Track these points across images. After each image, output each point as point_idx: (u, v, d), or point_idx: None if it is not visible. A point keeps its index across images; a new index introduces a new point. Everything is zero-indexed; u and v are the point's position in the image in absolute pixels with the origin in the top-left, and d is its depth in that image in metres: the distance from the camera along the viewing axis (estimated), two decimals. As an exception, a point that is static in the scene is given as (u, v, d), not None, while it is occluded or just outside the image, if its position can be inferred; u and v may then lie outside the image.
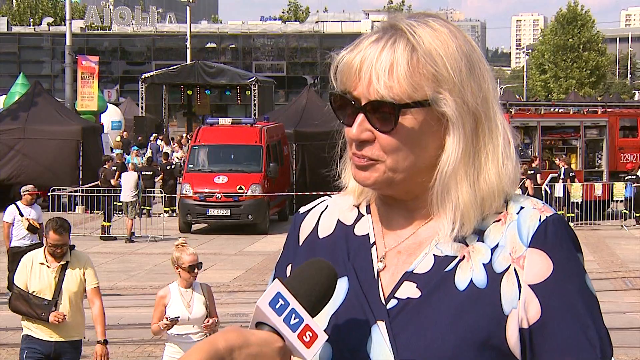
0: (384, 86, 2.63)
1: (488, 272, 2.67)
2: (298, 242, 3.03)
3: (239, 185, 37.19)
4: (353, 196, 2.97)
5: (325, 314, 2.77)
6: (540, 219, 2.69)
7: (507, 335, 2.63)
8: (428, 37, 2.67)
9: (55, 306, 12.13)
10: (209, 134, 40.37)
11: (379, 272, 2.80)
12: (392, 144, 2.69)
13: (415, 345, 2.65)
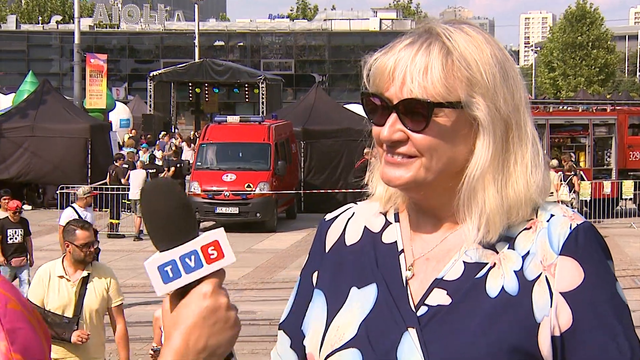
0: (418, 86, 2.64)
1: (519, 279, 2.67)
2: (324, 249, 3.02)
3: (247, 183, 37.20)
4: (380, 203, 2.96)
5: (356, 320, 2.78)
6: (571, 226, 2.69)
7: (540, 343, 2.62)
8: (463, 41, 2.68)
9: (77, 324, 11.14)
10: (217, 132, 40.37)
11: (407, 280, 2.79)
12: (426, 143, 2.68)
13: (447, 351, 2.64)
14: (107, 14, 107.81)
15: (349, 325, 2.79)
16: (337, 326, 2.82)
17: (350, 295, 2.85)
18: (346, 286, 2.88)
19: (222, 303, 2.34)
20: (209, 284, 2.34)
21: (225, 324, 2.36)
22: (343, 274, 2.92)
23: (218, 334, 2.33)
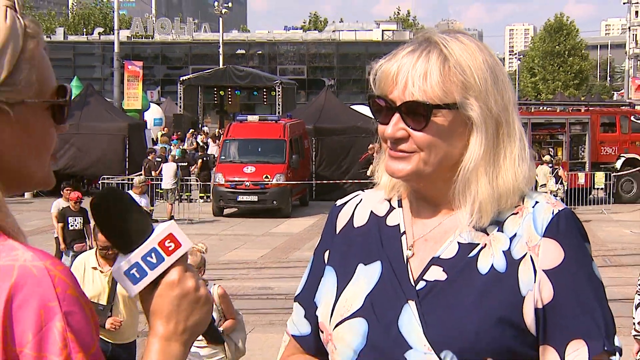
0: (419, 90, 2.68)
1: (507, 258, 2.71)
2: (335, 231, 3.06)
3: (265, 175, 37.30)
4: (385, 191, 3.01)
5: (362, 293, 2.82)
6: (553, 212, 2.74)
7: (524, 314, 2.67)
8: (458, 49, 2.73)
9: (110, 311, 11.15)
10: (238, 130, 40.47)
11: (408, 258, 2.83)
12: (425, 140, 2.73)
13: (442, 322, 2.68)
14: (143, 26, 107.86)
15: (356, 298, 2.83)
16: (345, 298, 2.86)
17: (358, 271, 2.89)
18: (354, 263, 2.91)
19: (189, 287, 2.33)
20: (175, 272, 2.32)
21: (197, 304, 2.35)
22: (351, 253, 2.95)
23: (193, 314, 2.33)
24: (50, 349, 1.90)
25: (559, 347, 2.67)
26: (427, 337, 2.68)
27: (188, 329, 2.33)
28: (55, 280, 1.94)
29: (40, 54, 2.16)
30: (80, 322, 1.96)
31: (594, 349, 2.65)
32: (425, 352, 2.68)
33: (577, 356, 2.65)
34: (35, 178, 2.23)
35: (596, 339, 2.65)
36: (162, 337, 2.31)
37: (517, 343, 2.68)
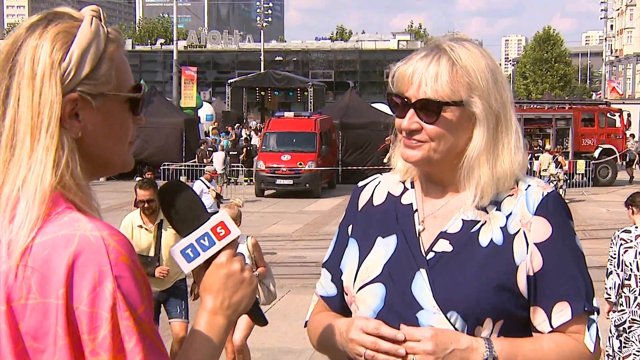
0: (431, 89, 2.73)
1: (504, 233, 2.77)
2: (357, 208, 3.09)
3: (299, 162, 37.27)
4: (400, 174, 3.04)
5: (381, 262, 2.85)
6: (543, 194, 2.80)
7: (518, 281, 2.73)
8: (464, 55, 2.78)
9: (158, 261, 11.12)
10: (277, 124, 40.51)
11: (420, 232, 2.86)
12: (435, 132, 2.77)
13: (449, 287, 2.73)
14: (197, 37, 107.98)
15: (376, 266, 2.87)
16: (367, 266, 2.89)
17: (377, 243, 2.92)
18: (373, 236, 2.94)
19: (235, 269, 2.36)
20: (224, 255, 2.36)
21: (241, 284, 2.36)
22: (371, 227, 2.98)
23: (237, 293, 2.35)
24: (101, 305, 1.97)
25: (546, 307, 2.74)
26: (436, 300, 2.72)
27: (232, 305, 2.35)
28: (109, 248, 2.00)
29: (120, 56, 2.24)
30: (129, 285, 2.01)
31: (576, 309, 2.72)
32: (434, 312, 2.72)
33: (562, 315, 2.73)
34: (116, 162, 2.30)
35: (578, 301, 2.73)
36: (209, 311, 2.35)
37: (512, 305, 2.73)
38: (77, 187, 2.13)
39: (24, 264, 2.00)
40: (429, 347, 2.62)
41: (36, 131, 2.09)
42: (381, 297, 2.81)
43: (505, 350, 2.67)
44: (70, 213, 2.07)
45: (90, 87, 2.15)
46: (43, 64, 2.10)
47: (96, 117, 2.18)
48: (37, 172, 2.08)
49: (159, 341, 2.09)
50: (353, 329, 2.73)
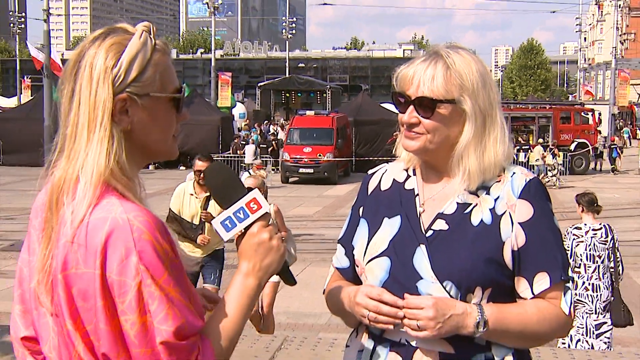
0: (427, 88, 2.78)
1: (492, 214, 2.79)
2: (367, 193, 3.10)
3: (318, 153, 37.41)
4: (404, 163, 3.04)
5: (387, 239, 2.87)
6: (526, 180, 2.82)
7: (504, 254, 2.75)
8: (458, 60, 2.80)
9: (202, 230, 10.79)
10: (300, 121, 40.60)
11: (420, 213, 2.88)
12: (431, 125, 2.80)
13: (444, 260, 2.75)
14: (232, 47, 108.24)
15: (382, 242, 2.88)
16: (375, 242, 2.91)
17: (383, 223, 2.94)
18: (381, 217, 2.96)
19: (264, 238, 2.40)
20: (256, 226, 2.41)
21: (270, 251, 2.39)
22: (379, 209, 2.99)
23: (266, 258, 2.40)
24: (127, 275, 2.11)
25: (529, 277, 2.77)
26: (434, 271, 2.75)
27: (262, 268, 2.39)
28: (133, 228, 2.14)
29: (165, 62, 2.37)
30: (151, 258, 2.13)
31: (554, 278, 2.77)
32: (432, 282, 2.75)
33: (542, 283, 2.77)
34: (160, 151, 2.42)
35: (555, 271, 2.76)
36: (243, 273, 2.39)
37: (499, 275, 2.75)
38: (122, 172, 2.25)
39: (76, 240, 2.16)
40: (430, 313, 2.65)
41: (92, 124, 2.25)
42: (386, 269, 2.83)
43: (494, 314, 2.71)
44: (109, 198, 2.20)
45: (137, 89, 2.29)
46: (98, 70, 2.25)
47: (142, 113, 2.31)
48: (93, 158, 2.23)
49: (186, 301, 2.18)
50: (359, 294, 2.78)
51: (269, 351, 8.56)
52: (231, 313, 2.34)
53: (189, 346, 2.16)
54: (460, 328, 2.68)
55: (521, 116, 43.61)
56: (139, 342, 2.12)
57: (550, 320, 2.77)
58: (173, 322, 2.13)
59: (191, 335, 2.17)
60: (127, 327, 2.13)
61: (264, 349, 8.65)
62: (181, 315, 2.15)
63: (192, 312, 2.20)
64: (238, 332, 2.35)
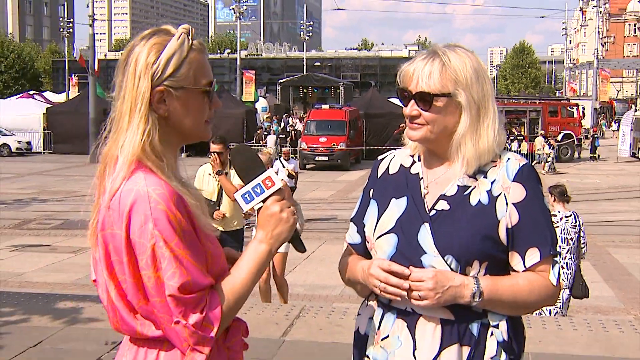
0: (425, 84, 2.80)
1: (489, 195, 2.80)
2: (377, 176, 3.10)
3: (332, 143, 37.49)
4: (410, 150, 3.05)
5: (394, 218, 2.89)
6: (519, 165, 2.84)
7: (499, 231, 2.76)
8: (454, 57, 2.82)
9: (218, 206, 10.63)
10: (316, 114, 40.70)
11: (424, 195, 2.89)
12: (430, 117, 2.82)
13: (446, 236, 2.77)
14: (255, 48, 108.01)
15: (390, 220, 2.89)
16: (383, 221, 2.92)
17: (391, 203, 2.94)
18: (389, 198, 2.97)
19: (275, 210, 2.51)
20: (270, 200, 2.54)
21: (280, 221, 2.50)
22: (387, 191, 3.00)
23: (277, 227, 2.50)
24: (144, 237, 2.29)
25: (521, 252, 2.79)
26: (437, 246, 2.77)
27: (273, 236, 2.50)
28: (151, 199, 2.31)
29: (199, 60, 2.51)
30: (164, 225, 2.29)
31: (544, 253, 2.79)
32: (434, 256, 2.76)
33: (533, 258, 2.79)
34: (192, 134, 2.56)
35: (545, 246, 2.79)
36: (257, 240, 2.51)
37: (495, 250, 2.77)
38: (153, 152, 2.42)
39: (111, 206, 2.36)
40: (430, 284, 2.69)
41: (133, 112, 2.43)
42: (394, 245, 2.85)
43: (489, 286, 2.73)
44: (138, 173, 2.37)
45: (172, 82, 2.44)
46: (141, 65, 2.43)
47: (177, 103, 2.47)
48: (131, 140, 2.41)
49: (195, 262, 2.33)
50: (372, 266, 2.80)
51: (289, 319, 8.59)
52: (242, 273, 2.46)
53: (194, 299, 2.31)
54: (458, 298, 2.71)
55: (514, 110, 43.54)
56: (155, 293, 2.31)
57: (539, 291, 2.79)
58: (179, 279, 2.29)
59: (197, 291, 2.32)
60: (145, 280, 2.31)
61: (284, 316, 8.67)
62: (187, 273, 2.29)
63: (200, 271, 2.34)
64: (246, 289, 2.47)
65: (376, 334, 2.92)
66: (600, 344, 7.74)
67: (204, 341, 2.33)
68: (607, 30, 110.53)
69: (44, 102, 51.77)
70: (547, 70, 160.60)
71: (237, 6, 71.34)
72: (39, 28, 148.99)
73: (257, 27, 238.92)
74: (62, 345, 7.72)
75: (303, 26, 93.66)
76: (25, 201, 24.87)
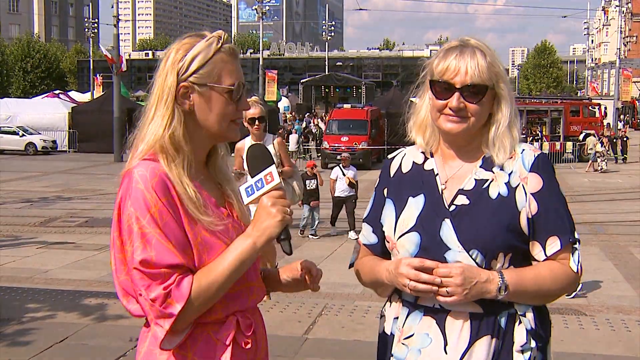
0: (477, 76, 2.80)
1: (508, 187, 2.83)
2: (390, 175, 3.12)
3: (354, 142, 37.51)
4: (421, 147, 3.07)
5: (414, 216, 2.90)
6: (535, 155, 2.87)
7: (520, 222, 2.80)
8: (488, 50, 2.88)
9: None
10: (338, 113, 40.61)
11: (442, 190, 2.89)
12: (477, 110, 2.84)
13: (469, 230, 2.79)
14: (277, 48, 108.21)
15: (410, 219, 2.91)
16: (403, 219, 2.93)
17: (409, 202, 2.96)
18: (406, 196, 2.98)
19: (266, 204, 2.57)
20: (265, 196, 2.61)
21: (268, 215, 2.55)
22: (403, 189, 3.02)
23: (264, 221, 2.55)
24: (124, 213, 2.49)
25: (542, 241, 2.83)
26: (460, 241, 2.78)
27: (259, 229, 2.55)
28: (133, 180, 2.48)
29: (227, 62, 2.64)
30: (139, 203, 2.45)
31: (564, 241, 2.84)
32: (459, 251, 2.78)
33: (554, 246, 2.82)
34: (217, 132, 2.67)
35: (565, 235, 2.83)
36: (244, 233, 2.59)
37: (517, 241, 2.81)
38: (173, 144, 2.58)
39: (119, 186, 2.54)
40: (458, 280, 2.71)
41: (160, 103, 2.61)
42: (417, 243, 2.85)
43: (513, 278, 2.75)
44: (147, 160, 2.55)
45: (197, 79, 2.60)
46: (170, 62, 2.62)
47: (200, 99, 2.62)
48: (154, 129, 2.60)
49: (165, 241, 2.45)
50: (402, 266, 2.79)
51: (311, 316, 8.60)
52: (222, 262, 2.52)
53: (156, 275, 2.42)
54: (484, 293, 2.74)
55: (535, 110, 43.24)
56: (129, 265, 2.46)
57: (561, 279, 2.83)
58: (141, 253, 2.42)
59: (160, 267, 2.43)
60: (126, 253, 2.48)
61: (306, 314, 8.68)
62: (151, 249, 2.43)
63: (168, 250, 2.44)
64: (223, 279, 2.51)
65: (400, 332, 2.93)
66: (623, 343, 7.70)
67: (164, 316, 2.44)
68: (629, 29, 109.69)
69: (69, 102, 52.18)
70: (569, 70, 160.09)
71: (259, 6, 71.49)
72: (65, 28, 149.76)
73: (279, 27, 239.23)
74: (87, 342, 7.77)
75: (325, 26, 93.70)
76: (50, 199, 25.00)
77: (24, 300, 9.43)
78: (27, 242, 16.88)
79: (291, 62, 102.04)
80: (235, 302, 2.64)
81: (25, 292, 9.91)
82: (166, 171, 2.53)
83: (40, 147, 45.43)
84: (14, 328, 8.19)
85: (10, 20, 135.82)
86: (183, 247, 2.48)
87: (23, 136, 45.56)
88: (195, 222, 2.53)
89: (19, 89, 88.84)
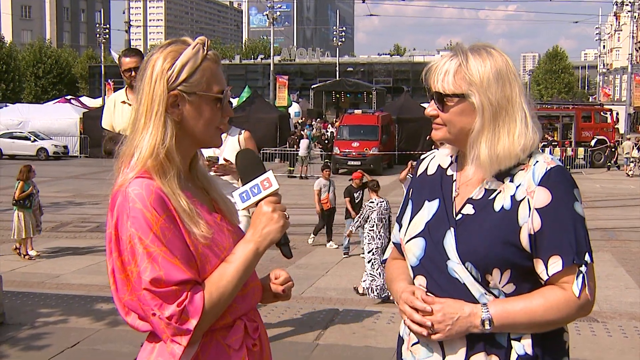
0: (440, 84, 2.76)
1: (512, 200, 2.70)
2: (417, 176, 3.08)
3: (365, 148, 37.51)
4: (450, 150, 3.01)
5: (424, 221, 2.86)
6: (547, 168, 2.71)
7: (521, 238, 2.67)
8: (473, 58, 2.74)
9: None
10: (348, 119, 40.71)
11: (454, 197, 2.85)
12: (445, 117, 2.78)
13: (467, 242, 2.72)
14: (288, 53, 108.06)
15: (420, 223, 2.88)
16: (414, 223, 2.91)
17: (424, 205, 2.92)
18: (423, 199, 2.94)
19: (267, 210, 2.59)
20: (264, 201, 2.62)
21: (270, 221, 2.58)
22: (423, 192, 2.98)
23: (266, 227, 2.58)
24: (124, 234, 2.44)
25: (544, 259, 2.67)
26: (458, 252, 2.72)
27: (262, 235, 2.57)
28: (129, 199, 2.45)
29: (213, 69, 2.63)
30: (139, 223, 2.42)
31: (567, 262, 2.64)
32: (457, 263, 2.72)
33: (555, 266, 2.65)
34: (204, 139, 2.66)
35: (568, 255, 2.64)
36: (246, 239, 2.59)
37: (517, 257, 2.67)
38: (165, 155, 2.55)
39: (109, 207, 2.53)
40: (438, 317, 2.68)
41: (149, 113, 2.56)
42: (422, 248, 2.83)
43: (498, 312, 2.66)
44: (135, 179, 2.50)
45: (186, 88, 2.57)
46: (157, 71, 2.57)
47: (190, 107, 2.59)
48: (147, 140, 2.55)
49: (171, 258, 2.42)
50: (401, 301, 2.80)
51: (322, 322, 8.59)
52: (228, 271, 2.53)
53: (168, 293, 2.40)
54: (470, 327, 2.68)
55: (547, 115, 43.12)
56: (137, 286, 2.43)
57: (558, 307, 2.67)
58: (150, 273, 2.39)
59: (171, 285, 2.41)
60: (130, 274, 2.45)
61: (318, 320, 8.68)
62: (160, 268, 2.40)
63: (176, 267, 2.42)
64: (231, 286, 2.52)
65: (408, 338, 2.92)
66: (636, 350, 7.67)
67: (181, 333, 2.43)
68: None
69: (80, 107, 52.36)
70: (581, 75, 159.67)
71: (270, 12, 71.68)
72: (76, 34, 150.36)
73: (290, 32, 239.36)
74: (98, 347, 7.79)
75: (336, 32, 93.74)
76: (62, 204, 25.11)
77: (36, 305, 9.46)
78: (39, 247, 16.94)
79: (302, 67, 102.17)
80: (241, 306, 2.64)
81: (37, 297, 9.95)
82: (160, 186, 2.50)
83: (52, 153, 45.63)
84: (26, 333, 8.22)
85: (23, 26, 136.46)
86: (188, 261, 2.47)
87: (35, 141, 45.80)
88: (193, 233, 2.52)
89: (30, 94, 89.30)
